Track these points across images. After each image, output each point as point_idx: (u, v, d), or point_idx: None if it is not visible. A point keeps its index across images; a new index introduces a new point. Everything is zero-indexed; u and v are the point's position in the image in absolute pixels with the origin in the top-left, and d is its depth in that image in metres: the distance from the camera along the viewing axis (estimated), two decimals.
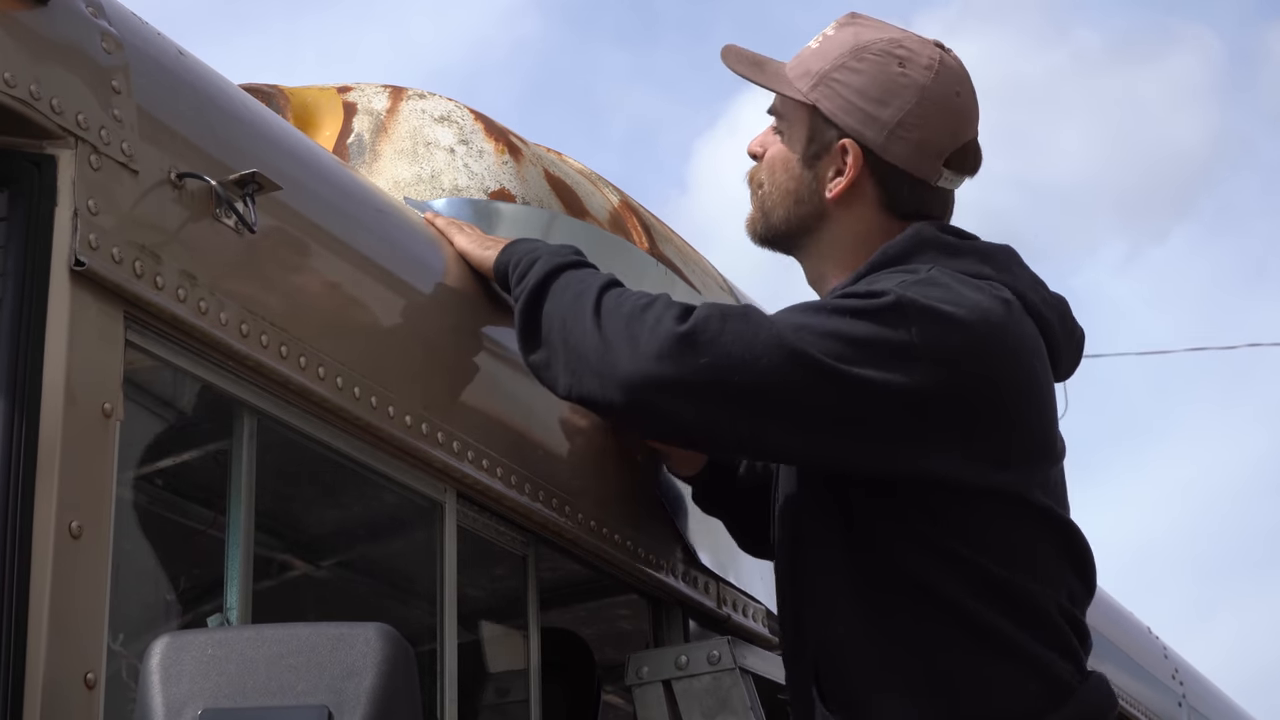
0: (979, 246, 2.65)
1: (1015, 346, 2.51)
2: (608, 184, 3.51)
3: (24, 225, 2.07)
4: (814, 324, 2.44)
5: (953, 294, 2.48)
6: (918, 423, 2.44)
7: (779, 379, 2.40)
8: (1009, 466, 2.50)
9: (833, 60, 2.68)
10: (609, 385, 2.49)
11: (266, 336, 2.32)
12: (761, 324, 2.45)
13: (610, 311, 2.53)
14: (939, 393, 2.43)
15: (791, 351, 2.40)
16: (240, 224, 2.31)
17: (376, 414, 2.49)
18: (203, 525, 2.58)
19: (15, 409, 1.99)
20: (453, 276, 2.85)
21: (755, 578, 3.34)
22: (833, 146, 2.66)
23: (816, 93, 2.67)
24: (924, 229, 2.64)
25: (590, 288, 2.58)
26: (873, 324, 2.43)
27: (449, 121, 3.17)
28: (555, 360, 2.59)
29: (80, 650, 1.98)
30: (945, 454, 2.46)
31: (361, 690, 1.82)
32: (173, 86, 2.36)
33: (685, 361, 2.42)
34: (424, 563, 2.69)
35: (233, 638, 1.87)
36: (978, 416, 2.47)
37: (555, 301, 2.61)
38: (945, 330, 2.43)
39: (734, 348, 2.42)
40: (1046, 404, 2.58)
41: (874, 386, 2.40)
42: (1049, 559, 2.54)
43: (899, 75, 2.66)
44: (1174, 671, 5.60)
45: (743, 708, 2.97)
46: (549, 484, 2.83)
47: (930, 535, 2.47)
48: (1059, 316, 2.67)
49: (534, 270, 2.66)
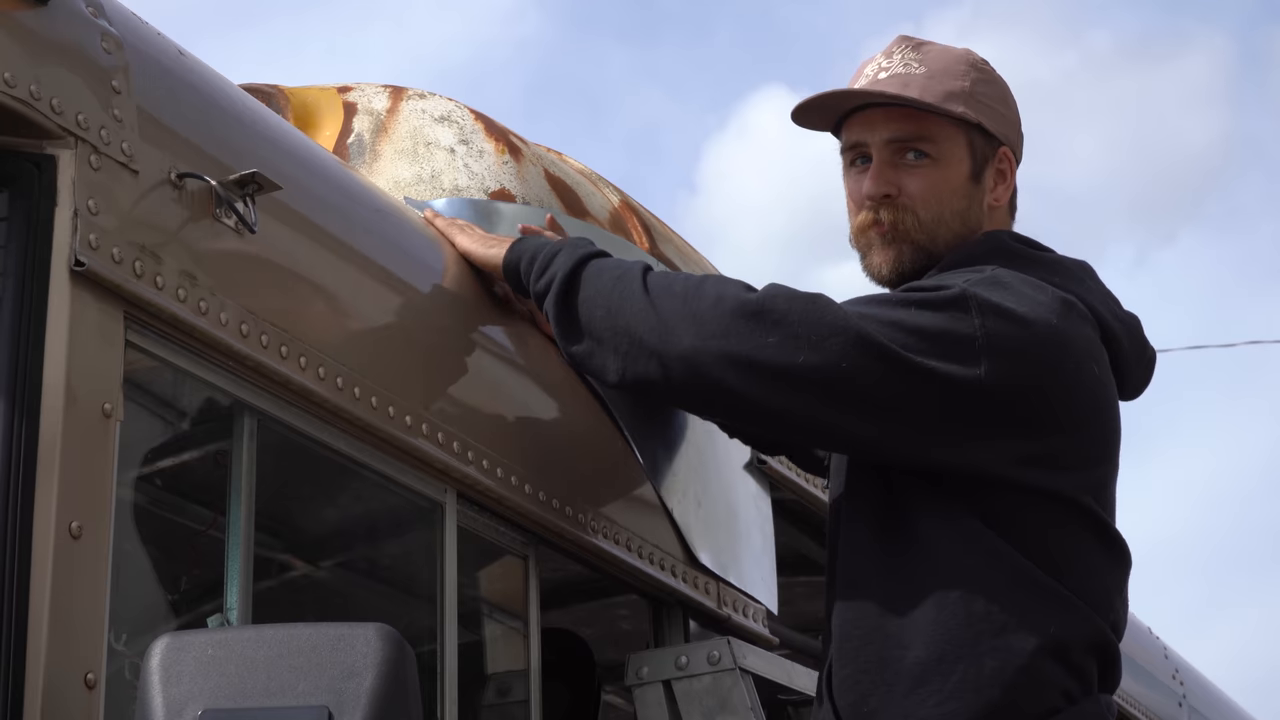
0: (1052, 257, 2.69)
1: (1073, 347, 2.52)
2: (608, 184, 3.51)
3: (24, 225, 2.07)
4: (879, 313, 2.45)
5: (1015, 292, 2.50)
6: (976, 414, 2.44)
7: (846, 362, 2.40)
8: (1062, 468, 2.50)
9: (964, 78, 2.68)
10: (671, 363, 2.47)
11: (267, 337, 2.32)
12: (828, 307, 2.45)
13: (662, 291, 2.50)
14: (998, 386, 2.43)
15: (859, 335, 2.40)
16: (240, 224, 2.31)
17: (377, 414, 2.49)
18: (203, 525, 2.58)
19: (15, 409, 1.99)
20: (453, 276, 2.84)
21: (755, 578, 3.34)
22: (994, 157, 2.71)
23: (971, 109, 2.67)
24: (1001, 235, 2.69)
25: (631, 271, 2.56)
26: (938, 315, 2.44)
27: (449, 121, 3.17)
28: (601, 348, 2.56)
29: (80, 650, 1.98)
30: (999, 448, 2.46)
31: (362, 690, 1.82)
32: (173, 86, 2.36)
33: (752, 339, 2.41)
34: (424, 563, 2.69)
35: (233, 638, 1.87)
36: (1034, 413, 2.48)
37: (591, 289, 2.58)
38: (1006, 325, 2.45)
39: (801, 328, 2.41)
40: (1103, 408, 2.57)
41: (938, 376, 2.41)
42: (1097, 573, 2.52)
43: (999, 79, 2.76)
44: (1174, 671, 5.60)
45: (743, 708, 2.97)
46: (549, 484, 2.83)
47: (975, 532, 2.46)
48: (1129, 334, 2.68)
49: (557, 263, 2.63)
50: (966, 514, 2.46)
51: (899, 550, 2.49)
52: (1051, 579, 2.44)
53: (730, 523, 3.32)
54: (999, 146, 2.71)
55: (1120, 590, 2.58)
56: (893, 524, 2.51)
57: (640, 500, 3.08)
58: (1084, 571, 2.49)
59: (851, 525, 2.58)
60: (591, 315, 2.57)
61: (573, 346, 2.61)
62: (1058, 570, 2.46)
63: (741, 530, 3.34)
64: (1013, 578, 2.43)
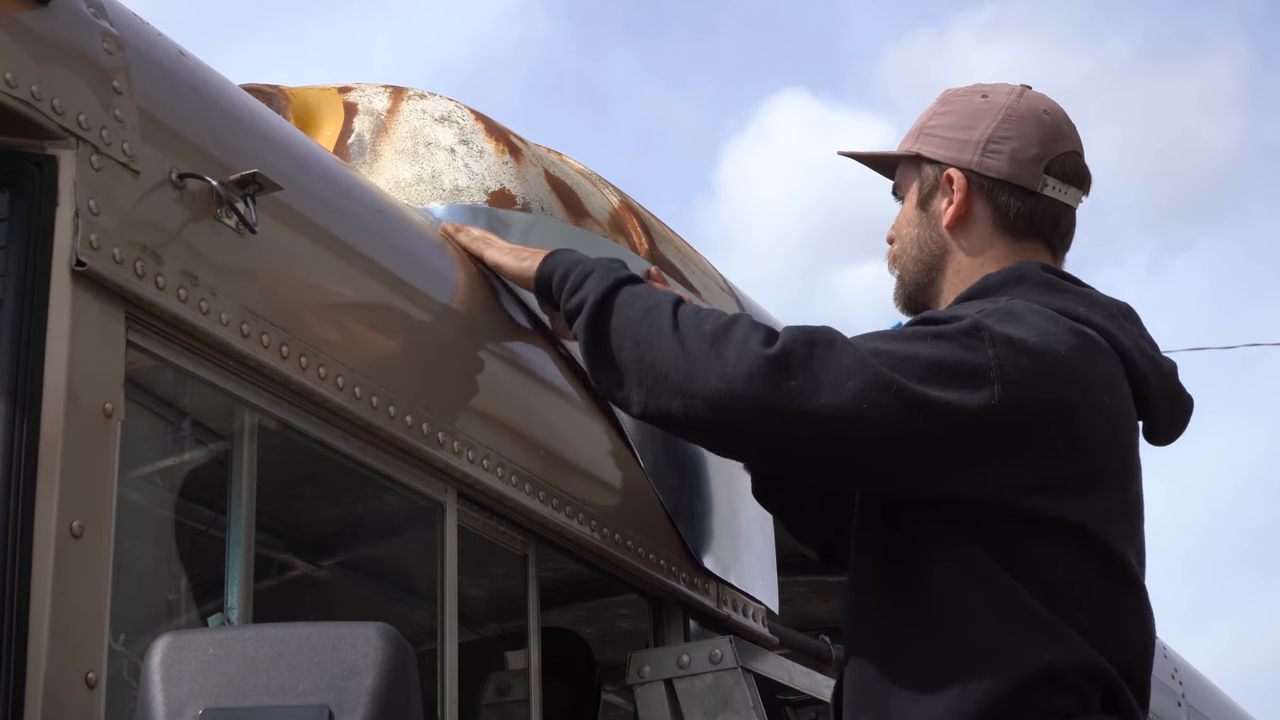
0: (1081, 290, 2.70)
1: (1082, 377, 2.54)
2: (608, 184, 3.51)
3: (25, 226, 2.07)
4: (896, 349, 2.50)
5: (1026, 323, 2.53)
6: (987, 442, 2.47)
7: (866, 403, 2.45)
8: (1067, 495, 2.50)
9: (926, 115, 2.86)
10: (694, 404, 2.52)
11: (267, 337, 2.33)
12: (846, 349, 2.49)
13: (691, 329, 2.56)
14: (1009, 414, 2.46)
15: (876, 375, 2.45)
16: (241, 224, 2.31)
17: (377, 414, 2.49)
18: (203, 525, 2.58)
19: (16, 409, 2.00)
20: (454, 277, 2.85)
21: (756, 578, 3.34)
22: (939, 181, 2.79)
23: (917, 144, 2.83)
24: (1027, 264, 2.71)
25: (662, 304, 2.61)
26: (952, 345, 2.49)
27: (449, 122, 3.17)
28: (627, 379, 2.60)
29: (81, 650, 1.98)
30: (1006, 474, 2.48)
31: (362, 690, 1.82)
32: (174, 87, 2.36)
33: (775, 383, 2.46)
34: (425, 562, 2.69)
35: (233, 637, 1.87)
36: (1041, 440, 2.50)
37: (622, 318, 2.63)
38: (1017, 354, 2.48)
39: (822, 372, 2.46)
40: (1115, 439, 2.59)
41: (953, 408, 2.44)
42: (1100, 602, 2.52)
43: (982, 103, 2.82)
44: (1173, 671, 5.60)
45: (744, 707, 2.98)
46: (549, 484, 2.83)
47: (975, 561, 2.47)
48: (1160, 375, 2.70)
49: (589, 285, 2.68)
50: (968, 543, 2.48)
51: (900, 576, 2.53)
52: (1049, 610, 2.45)
53: (730, 523, 3.32)
54: (943, 169, 2.78)
55: (1129, 619, 2.57)
56: (896, 553, 2.55)
57: (640, 500, 3.08)
58: (1085, 601, 2.49)
59: (859, 550, 2.62)
60: (620, 344, 2.61)
61: (599, 373, 2.65)
62: (1057, 600, 2.46)
63: (741, 530, 3.34)
64: (1009, 608, 2.45)
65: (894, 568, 2.54)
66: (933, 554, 2.50)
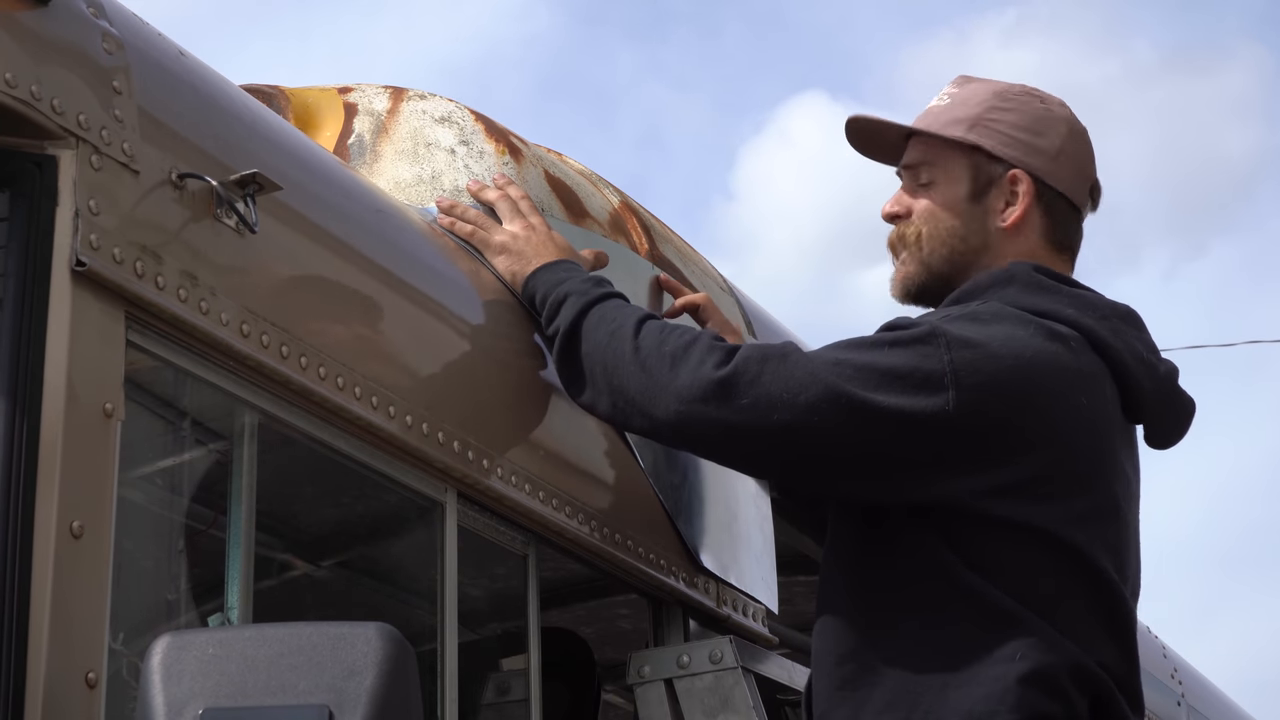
0: (1073, 291, 2.69)
1: (1049, 379, 2.52)
2: (608, 184, 3.51)
3: (25, 226, 2.07)
4: (852, 358, 2.51)
5: (990, 327, 2.53)
6: (944, 447, 2.48)
7: (817, 416, 2.48)
8: (1033, 499, 2.50)
9: (979, 106, 2.78)
10: (658, 424, 2.61)
11: (267, 337, 2.33)
12: (799, 362, 2.52)
13: (652, 350, 2.62)
14: (966, 417, 2.46)
15: (827, 388, 2.48)
16: (241, 224, 2.31)
17: (377, 414, 2.49)
18: (203, 525, 2.58)
19: (16, 409, 2.00)
20: (453, 277, 2.85)
21: (755, 578, 3.34)
22: (1000, 179, 2.75)
23: (974, 133, 2.76)
24: (1019, 266, 2.70)
25: (625, 327, 2.68)
26: (908, 352, 2.49)
27: (449, 122, 3.17)
28: (601, 399, 2.70)
29: (81, 649, 1.98)
30: (968, 479, 2.48)
31: (362, 690, 1.82)
32: (174, 87, 2.36)
33: (728, 401, 2.51)
34: (424, 562, 2.69)
35: (234, 637, 1.87)
36: (1002, 444, 2.49)
37: (590, 342, 2.71)
38: (974, 356, 2.48)
39: (773, 387, 2.50)
40: (1089, 442, 2.57)
41: (906, 415, 2.45)
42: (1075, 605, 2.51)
43: (1044, 110, 2.79)
44: (1173, 671, 5.61)
45: (745, 707, 2.98)
46: (549, 484, 2.83)
47: (947, 563, 2.47)
48: (1157, 380, 2.69)
49: (562, 313, 2.76)
50: (938, 546, 2.49)
51: (873, 580, 2.54)
52: (1024, 610, 2.45)
53: (730, 523, 3.32)
54: (1008, 169, 2.74)
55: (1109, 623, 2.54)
56: (869, 556, 2.56)
57: (640, 500, 3.08)
58: (1059, 604, 2.48)
59: (833, 555, 2.63)
60: (591, 369, 2.71)
61: (577, 396, 2.76)
62: (1031, 602, 2.46)
63: (741, 530, 3.34)
64: (982, 611, 2.45)
65: (868, 568, 2.55)
66: (906, 554, 2.51)
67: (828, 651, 2.55)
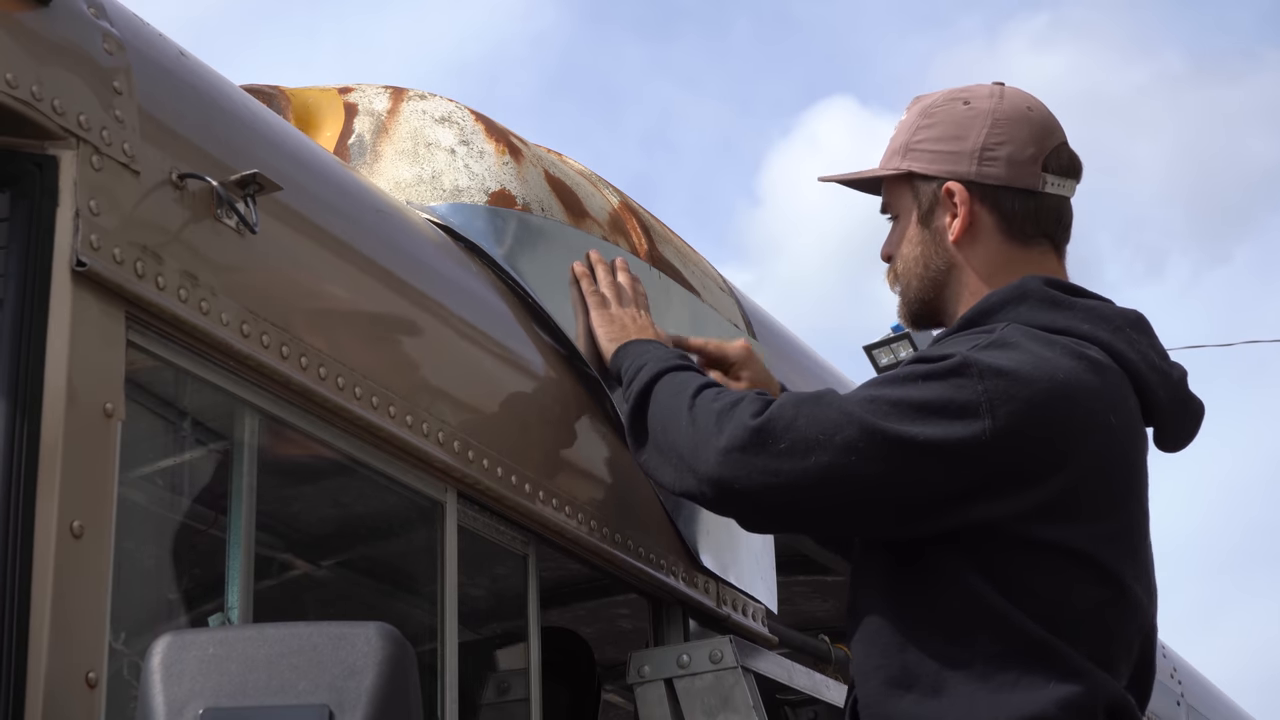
0: (1085, 304, 2.68)
1: (1082, 399, 2.52)
2: (608, 185, 3.51)
3: (26, 226, 2.07)
4: (885, 394, 2.51)
5: (1019, 352, 2.53)
6: (982, 472, 2.47)
7: (854, 455, 2.48)
8: (1070, 521, 2.50)
9: (909, 130, 2.83)
10: (702, 480, 2.61)
11: (268, 337, 2.33)
12: (833, 403, 2.53)
13: (703, 407, 2.65)
14: (1002, 443, 2.46)
15: (863, 425, 2.48)
16: (241, 224, 2.32)
17: (377, 414, 2.49)
18: (204, 525, 2.58)
19: (17, 409, 2.00)
20: (453, 277, 2.85)
21: (755, 578, 3.34)
22: (939, 197, 2.77)
23: (906, 161, 2.80)
24: (1030, 280, 2.69)
25: (686, 388, 2.71)
26: (942, 385, 2.49)
27: (449, 122, 3.18)
28: (663, 461, 2.71)
29: (81, 649, 1.98)
30: (1006, 503, 2.47)
31: (362, 689, 1.83)
32: (174, 87, 2.36)
33: (765, 448, 2.52)
34: (424, 562, 2.70)
35: (234, 637, 1.87)
36: (1039, 466, 2.49)
37: (656, 405, 2.75)
38: (1008, 384, 2.48)
39: (810, 429, 2.50)
40: (1122, 459, 2.58)
41: (944, 447, 2.46)
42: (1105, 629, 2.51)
43: (965, 110, 2.79)
44: (1172, 670, 5.60)
45: (745, 706, 2.98)
46: (549, 484, 2.84)
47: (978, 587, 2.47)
48: (1168, 384, 2.68)
49: (640, 376, 2.81)
50: (970, 573, 2.48)
51: (906, 606, 2.53)
52: (1054, 637, 2.45)
53: (729, 523, 3.31)
54: (942, 184, 2.75)
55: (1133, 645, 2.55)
56: (901, 583, 2.55)
57: (640, 500, 3.08)
58: (1088, 627, 2.49)
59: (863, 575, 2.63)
60: (654, 430, 2.74)
61: (640, 457, 2.78)
62: (1060, 629, 2.46)
63: (741, 530, 3.34)
64: (1014, 637, 2.45)
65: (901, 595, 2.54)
66: (935, 582, 2.50)
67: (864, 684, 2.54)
